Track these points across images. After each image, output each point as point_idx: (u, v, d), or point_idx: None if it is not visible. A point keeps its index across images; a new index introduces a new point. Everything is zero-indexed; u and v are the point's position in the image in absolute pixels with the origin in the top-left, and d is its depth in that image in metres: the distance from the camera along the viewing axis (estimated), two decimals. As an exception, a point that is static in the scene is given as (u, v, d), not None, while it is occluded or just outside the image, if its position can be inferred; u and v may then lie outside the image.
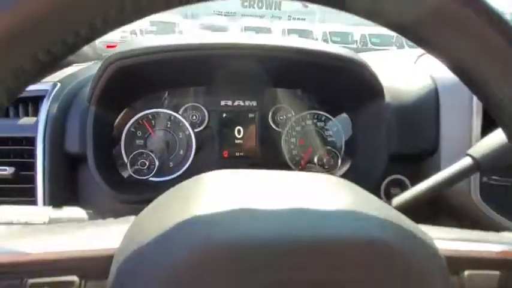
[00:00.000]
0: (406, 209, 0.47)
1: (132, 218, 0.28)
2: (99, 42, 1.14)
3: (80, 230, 0.27)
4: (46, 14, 0.17)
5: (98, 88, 0.56)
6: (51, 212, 0.39)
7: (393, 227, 0.23)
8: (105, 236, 0.25)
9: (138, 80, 0.63)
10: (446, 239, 0.29)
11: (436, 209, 0.68)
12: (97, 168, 0.59)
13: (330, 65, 0.60)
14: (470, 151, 0.47)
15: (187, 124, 0.71)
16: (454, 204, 0.64)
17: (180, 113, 0.71)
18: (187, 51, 0.55)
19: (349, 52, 0.61)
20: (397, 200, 0.48)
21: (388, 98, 0.64)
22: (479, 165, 0.46)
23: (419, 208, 0.48)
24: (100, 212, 0.59)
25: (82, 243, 0.25)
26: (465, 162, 0.46)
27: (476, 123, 0.60)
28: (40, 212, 0.38)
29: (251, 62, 0.61)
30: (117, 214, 0.51)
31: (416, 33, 0.23)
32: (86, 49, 0.91)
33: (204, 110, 0.72)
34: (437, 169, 0.65)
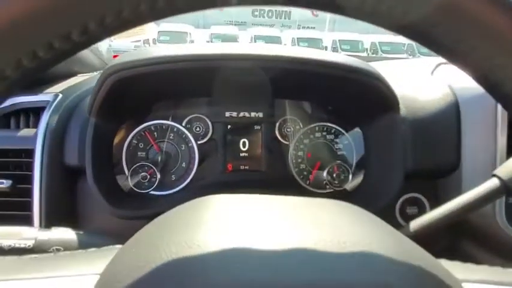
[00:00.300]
0: (425, 234, 0.43)
1: (117, 249, 0.25)
2: (107, 51, 1.14)
3: (56, 266, 0.24)
4: (34, 13, 0.16)
5: (97, 99, 0.54)
6: (38, 233, 0.37)
7: (414, 272, 0.20)
8: (82, 274, 0.22)
9: (139, 91, 0.61)
10: (477, 282, 0.25)
11: (456, 231, 0.62)
12: (95, 181, 0.56)
13: (341, 76, 0.57)
14: (497, 171, 0.42)
15: (190, 136, 0.68)
16: (477, 227, 0.59)
17: (183, 124, 0.69)
18: (187, 61, 0.52)
19: (361, 63, 0.57)
20: (415, 224, 0.43)
21: (403, 110, 0.60)
22: (508, 188, 0.41)
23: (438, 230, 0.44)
24: (94, 230, 0.56)
25: (55, 284, 0.22)
26: (491, 183, 0.42)
27: (501, 137, 0.56)
28: (27, 233, 0.36)
29: (257, 72, 0.58)
30: (113, 231, 0.48)
31: (426, 34, 0.19)
32: (92, 59, 0.91)
33: (208, 121, 0.69)
34: (458, 187, 0.60)
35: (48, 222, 0.56)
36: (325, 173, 0.69)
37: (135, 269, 0.19)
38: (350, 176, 0.69)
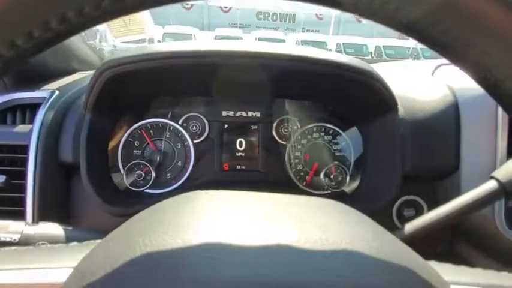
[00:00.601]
0: (420, 236, 0.42)
1: (97, 243, 0.25)
2: (110, 52, 1.15)
3: (33, 258, 0.23)
4: (9, 1, 0.15)
5: (92, 95, 0.54)
6: (24, 228, 0.37)
7: (400, 272, 0.19)
8: (56, 267, 0.22)
9: (135, 88, 0.61)
10: (466, 284, 0.24)
11: (454, 234, 0.61)
12: (89, 179, 0.56)
13: (340, 76, 0.56)
14: (495, 174, 0.41)
15: (186, 135, 0.68)
16: (475, 230, 0.58)
17: (179, 123, 0.68)
18: (184, 58, 0.52)
19: (361, 63, 0.56)
20: (411, 226, 0.42)
21: (402, 111, 0.59)
22: (506, 190, 0.40)
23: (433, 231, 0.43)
24: (87, 227, 0.56)
25: (29, 275, 0.21)
26: (490, 185, 0.41)
27: (502, 140, 0.55)
28: (13, 227, 0.36)
29: (256, 71, 0.57)
30: (106, 229, 0.48)
31: (424, 32, 0.19)
32: (91, 56, 0.91)
33: (205, 120, 0.69)
34: (457, 190, 0.59)
35: (41, 218, 0.56)
36: (322, 175, 0.68)
37: (109, 262, 0.19)
38: (347, 178, 0.68)
